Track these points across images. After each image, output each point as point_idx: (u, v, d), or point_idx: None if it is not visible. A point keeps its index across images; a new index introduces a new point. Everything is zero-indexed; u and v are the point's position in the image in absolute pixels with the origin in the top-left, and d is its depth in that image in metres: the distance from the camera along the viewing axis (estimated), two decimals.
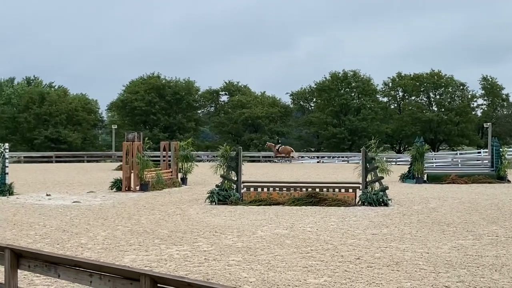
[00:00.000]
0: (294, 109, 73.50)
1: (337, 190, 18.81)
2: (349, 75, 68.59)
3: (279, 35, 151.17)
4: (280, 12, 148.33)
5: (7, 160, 22.59)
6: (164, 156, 28.39)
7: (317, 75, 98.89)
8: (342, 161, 57.27)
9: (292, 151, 52.73)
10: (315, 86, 70.78)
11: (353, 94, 69.16)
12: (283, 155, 52.00)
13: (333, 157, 61.27)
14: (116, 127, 61.98)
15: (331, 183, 20.37)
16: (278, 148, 52.20)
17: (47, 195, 21.75)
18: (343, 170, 37.54)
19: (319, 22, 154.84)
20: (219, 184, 19.35)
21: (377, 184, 18.87)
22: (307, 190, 18.97)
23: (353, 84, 68.56)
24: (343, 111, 67.61)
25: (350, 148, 65.05)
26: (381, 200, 17.97)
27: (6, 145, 22.96)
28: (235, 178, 19.42)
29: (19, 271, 6.29)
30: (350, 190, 18.73)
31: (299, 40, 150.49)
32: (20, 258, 6.34)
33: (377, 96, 70.52)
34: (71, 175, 34.39)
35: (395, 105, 72.75)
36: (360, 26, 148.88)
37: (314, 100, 73.56)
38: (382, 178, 18.94)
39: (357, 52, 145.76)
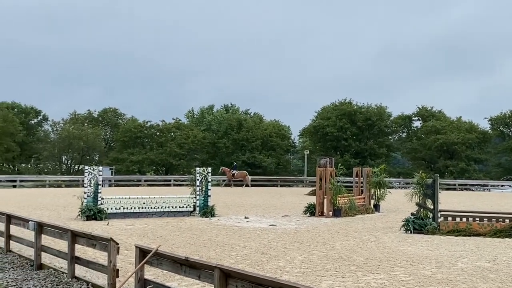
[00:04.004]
0: (494, 135, 69.29)
1: None
2: None
3: (480, 58, 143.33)
4: (483, 35, 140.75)
5: (209, 184, 24.18)
6: (356, 182, 28.42)
7: None
8: None
9: (247, 175, 54.19)
10: None
11: None
12: (240, 179, 54.26)
13: None
14: (308, 152, 63.28)
15: None
16: (234, 173, 54.21)
17: (245, 217, 22.80)
18: None
19: None
20: (414, 212, 18.88)
21: None
22: (510, 221, 17.81)
23: None
24: None
25: None
26: None
27: (209, 169, 24.63)
28: (432, 207, 18.82)
29: None
30: None
31: (501, 62, 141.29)
32: (228, 278, 6.74)
33: None
34: (266, 199, 35.69)
35: None
36: None
37: None
38: None
39: None
